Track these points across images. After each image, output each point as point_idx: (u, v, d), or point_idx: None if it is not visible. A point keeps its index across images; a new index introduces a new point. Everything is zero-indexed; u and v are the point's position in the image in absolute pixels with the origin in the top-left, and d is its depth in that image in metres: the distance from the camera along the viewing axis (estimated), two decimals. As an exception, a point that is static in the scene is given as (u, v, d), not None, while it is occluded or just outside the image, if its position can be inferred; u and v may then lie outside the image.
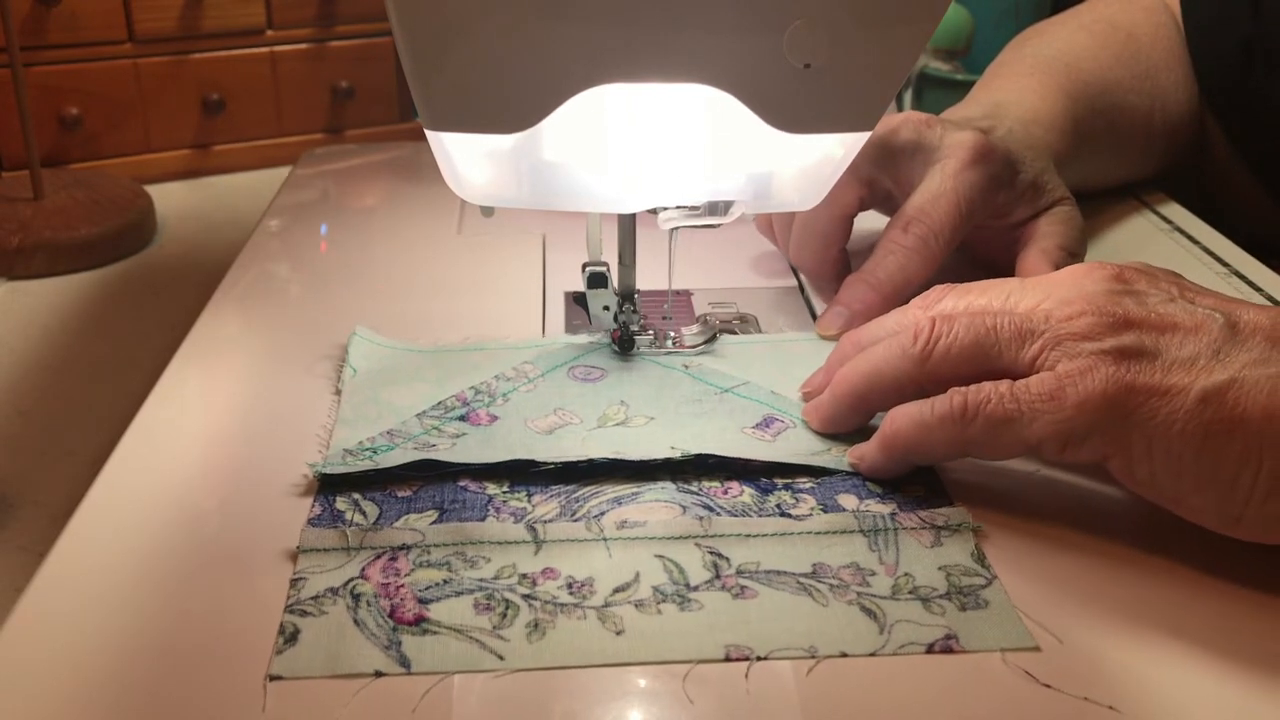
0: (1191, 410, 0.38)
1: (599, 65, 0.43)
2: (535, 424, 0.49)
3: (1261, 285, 0.61)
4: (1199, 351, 0.40)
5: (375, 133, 1.38)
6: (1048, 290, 0.44)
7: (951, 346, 0.43)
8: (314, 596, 0.39)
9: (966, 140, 0.58)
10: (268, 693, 0.35)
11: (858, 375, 0.46)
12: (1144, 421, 0.39)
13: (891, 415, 0.44)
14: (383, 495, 0.44)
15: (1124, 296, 0.42)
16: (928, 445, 0.43)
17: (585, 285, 0.53)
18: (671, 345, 0.55)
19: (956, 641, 0.37)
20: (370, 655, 0.36)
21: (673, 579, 0.40)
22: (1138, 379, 0.39)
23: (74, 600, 0.39)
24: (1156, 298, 0.42)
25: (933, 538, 0.42)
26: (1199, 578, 0.40)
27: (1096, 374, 0.40)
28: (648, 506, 0.43)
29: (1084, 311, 0.41)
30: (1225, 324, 0.40)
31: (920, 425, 0.43)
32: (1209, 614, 0.39)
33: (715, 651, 0.36)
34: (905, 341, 0.44)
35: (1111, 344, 0.40)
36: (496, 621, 0.38)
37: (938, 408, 0.42)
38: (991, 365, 0.43)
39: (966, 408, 0.42)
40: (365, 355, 0.54)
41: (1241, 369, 0.39)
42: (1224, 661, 0.36)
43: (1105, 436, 0.40)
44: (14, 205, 1.00)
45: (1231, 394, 0.38)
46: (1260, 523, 0.39)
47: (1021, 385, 0.41)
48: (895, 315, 0.48)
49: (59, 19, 1.19)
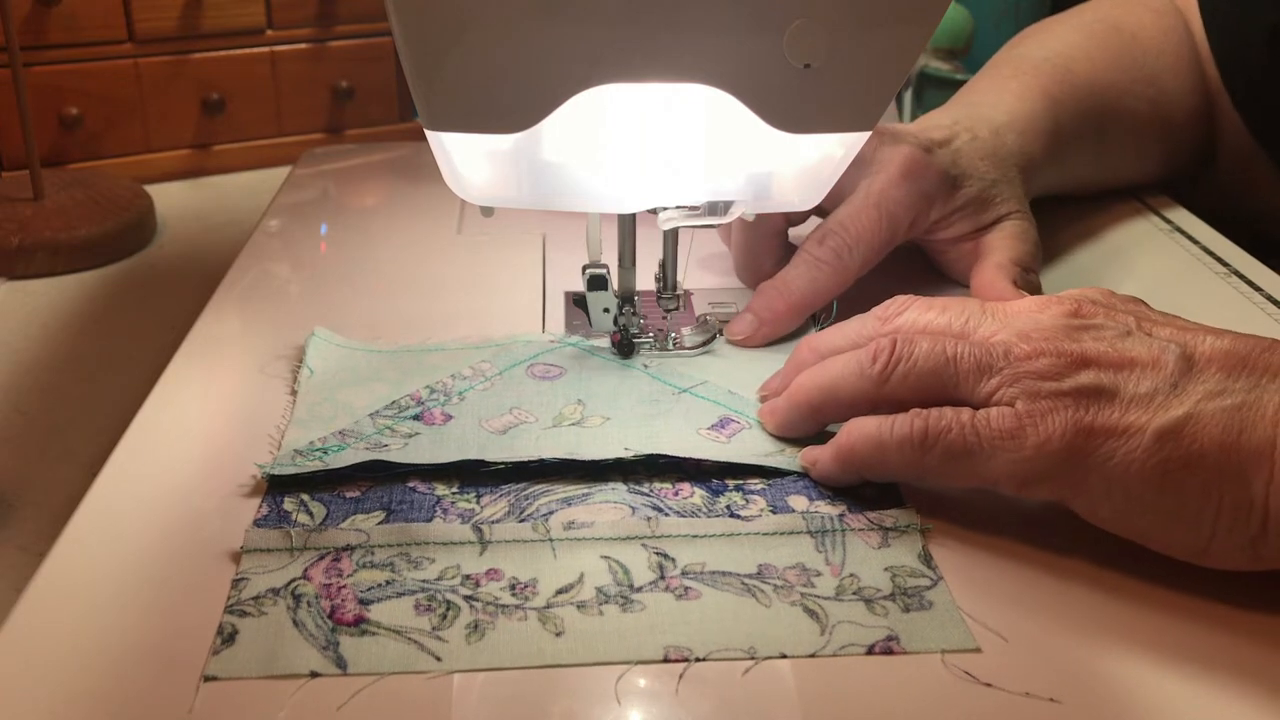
0: (1149, 449, 0.38)
1: (599, 65, 0.43)
2: (490, 423, 0.49)
3: (1262, 285, 0.61)
4: (1156, 387, 0.39)
5: (375, 133, 1.38)
6: (1005, 320, 0.44)
7: (910, 373, 0.43)
8: (254, 597, 0.39)
9: (897, 155, 0.58)
10: (199, 693, 0.35)
11: (815, 386, 0.46)
12: (1102, 463, 0.39)
13: (849, 428, 0.44)
14: (331, 496, 0.44)
15: (1081, 332, 0.42)
16: (883, 464, 0.43)
17: (585, 287, 0.53)
18: (672, 346, 0.55)
19: (897, 643, 0.37)
20: (307, 656, 0.36)
21: (617, 580, 0.40)
22: (1095, 420, 0.39)
23: (74, 600, 0.39)
24: (1113, 330, 0.42)
25: (880, 539, 0.42)
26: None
27: (1055, 417, 0.40)
28: (597, 507, 0.43)
29: (1042, 351, 0.41)
30: (1181, 356, 0.40)
31: (877, 444, 0.43)
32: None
33: (654, 653, 0.36)
34: (864, 360, 0.44)
35: (1070, 384, 0.40)
36: (436, 623, 0.38)
37: (898, 429, 0.42)
38: (949, 395, 0.43)
39: (927, 434, 0.41)
40: (323, 356, 0.54)
41: (1197, 403, 0.39)
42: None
43: (1064, 480, 0.40)
44: (14, 205, 1.00)
45: (1188, 430, 0.38)
46: (1226, 554, 0.39)
47: (982, 417, 0.41)
48: (855, 324, 0.48)
49: (59, 19, 1.19)
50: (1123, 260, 0.67)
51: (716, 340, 0.56)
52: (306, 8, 1.31)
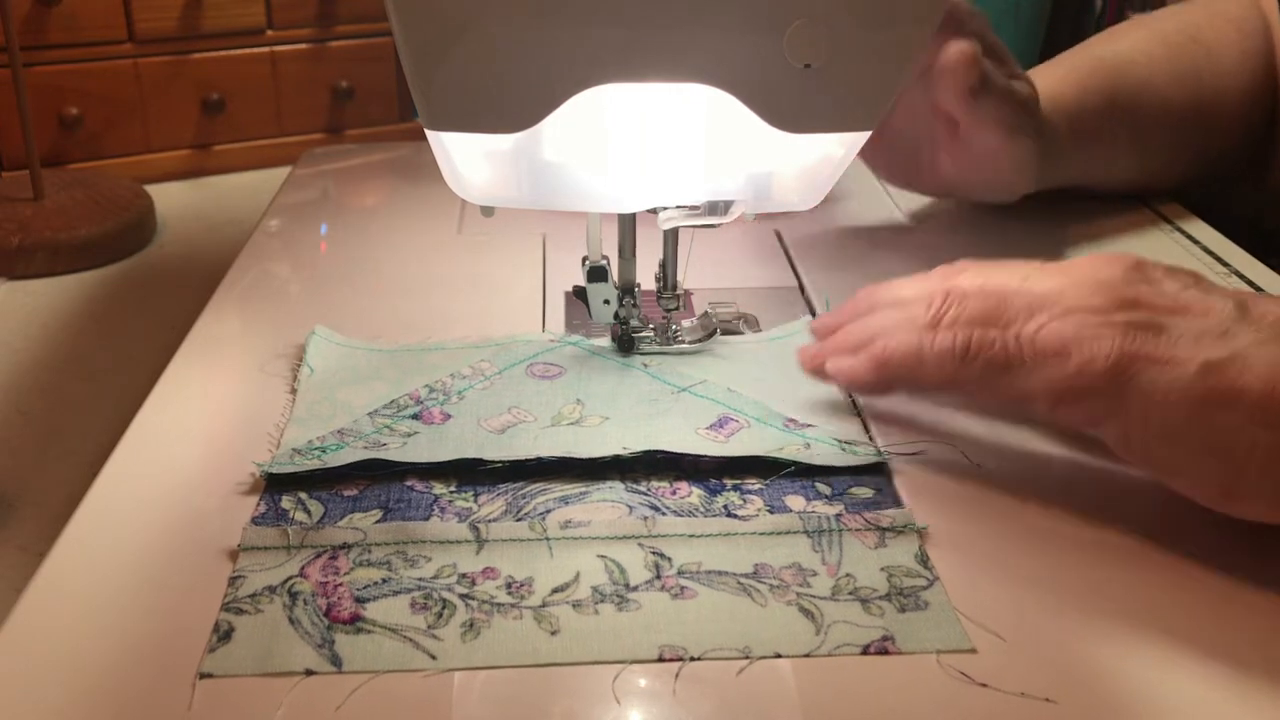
0: (1192, 380, 0.39)
1: (599, 65, 0.43)
2: (489, 423, 0.49)
3: (1262, 285, 0.61)
4: (1206, 329, 0.40)
5: (375, 133, 1.38)
6: (1066, 274, 0.44)
7: (959, 316, 0.44)
8: (251, 595, 0.39)
9: None
10: (196, 690, 0.35)
11: (864, 331, 0.47)
12: (1143, 387, 0.39)
13: (887, 335, 0.44)
14: (329, 494, 0.44)
15: (1139, 284, 0.43)
16: (918, 374, 0.43)
17: (585, 279, 0.53)
18: (672, 341, 0.55)
19: (893, 643, 0.37)
20: (302, 653, 0.36)
21: (612, 579, 0.40)
22: (1142, 348, 0.40)
23: (73, 600, 0.39)
24: (1173, 285, 0.43)
25: (877, 539, 0.42)
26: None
27: (1103, 342, 0.40)
28: (594, 506, 0.43)
29: (1097, 292, 0.42)
30: (1236, 306, 0.41)
31: (916, 354, 0.43)
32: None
33: (649, 652, 0.36)
34: (917, 310, 0.45)
35: (1121, 318, 0.41)
36: (431, 621, 0.38)
37: (939, 341, 0.43)
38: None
39: (970, 347, 0.42)
40: (323, 354, 0.54)
41: (1246, 346, 0.39)
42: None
43: (1103, 399, 0.40)
44: (14, 205, 1.00)
45: (1234, 367, 0.39)
46: (1252, 498, 0.39)
47: (1029, 334, 0.42)
48: (916, 282, 0.48)
49: (59, 19, 1.19)
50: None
51: (715, 337, 0.56)
52: (306, 8, 1.31)
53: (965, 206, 0.74)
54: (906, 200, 0.75)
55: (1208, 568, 0.41)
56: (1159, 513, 0.43)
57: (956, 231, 0.72)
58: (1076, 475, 0.46)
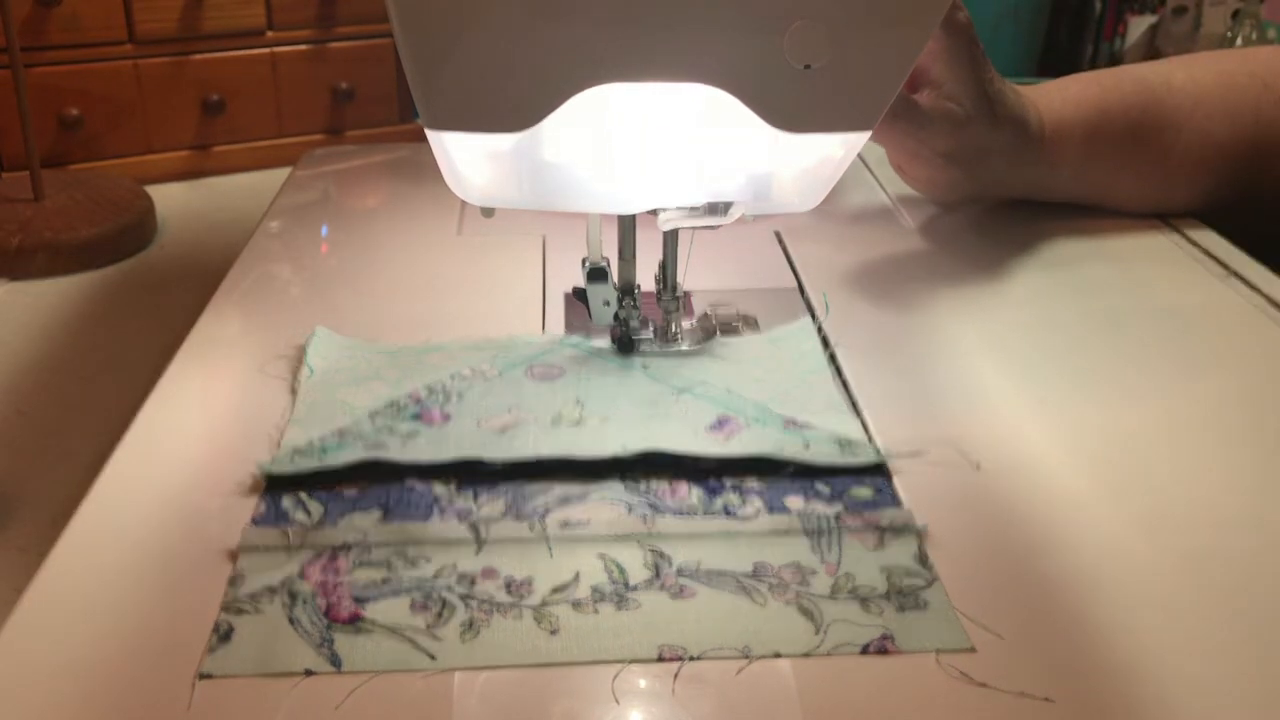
0: None
1: (599, 65, 0.43)
2: (489, 423, 0.49)
3: (1262, 286, 0.61)
4: None
5: (375, 133, 1.38)
6: None
7: None
8: (251, 595, 0.39)
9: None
10: (195, 690, 0.35)
11: None
12: None
13: None
14: (329, 494, 0.44)
15: None
16: None
17: (585, 280, 0.53)
18: (672, 342, 0.55)
19: (892, 642, 0.37)
20: (302, 654, 0.36)
21: (612, 579, 0.40)
22: None
23: (73, 601, 0.39)
24: None
25: (876, 539, 0.42)
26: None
27: None
28: (593, 506, 0.44)
29: None
30: None
31: None
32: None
33: (648, 652, 0.36)
34: None
35: None
36: (431, 621, 0.38)
37: None
38: None
39: None
40: (324, 354, 0.54)
41: None
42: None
43: None
44: (14, 205, 1.00)
45: None
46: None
47: None
48: None
49: (59, 19, 1.19)
50: (1122, 260, 0.67)
51: (715, 338, 0.56)
52: (307, 9, 1.32)
53: (966, 209, 0.74)
54: (907, 202, 0.75)
55: (1207, 567, 0.41)
56: (1159, 512, 0.43)
57: (957, 233, 0.72)
58: (1076, 475, 0.46)
